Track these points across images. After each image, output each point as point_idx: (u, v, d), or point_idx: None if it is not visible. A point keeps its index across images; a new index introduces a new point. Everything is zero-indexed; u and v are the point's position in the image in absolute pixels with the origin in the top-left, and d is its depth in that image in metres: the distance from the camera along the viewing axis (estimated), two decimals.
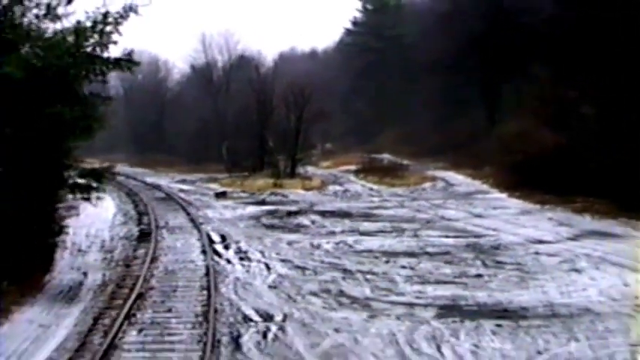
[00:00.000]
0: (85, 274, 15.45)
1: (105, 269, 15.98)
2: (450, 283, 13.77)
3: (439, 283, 13.77)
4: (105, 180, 16.39)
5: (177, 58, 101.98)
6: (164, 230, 21.07)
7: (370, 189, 34.24)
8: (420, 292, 13.06)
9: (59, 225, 17.43)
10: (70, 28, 13.86)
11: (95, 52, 14.10)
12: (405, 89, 53.12)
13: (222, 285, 13.69)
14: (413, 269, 15.02)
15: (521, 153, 29.31)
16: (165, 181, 40.88)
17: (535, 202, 25.78)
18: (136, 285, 13.47)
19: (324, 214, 24.59)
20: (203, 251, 17.35)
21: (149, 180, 41.32)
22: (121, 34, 13.98)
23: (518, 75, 36.86)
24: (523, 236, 18.98)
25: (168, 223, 22.63)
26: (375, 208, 26.55)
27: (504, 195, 29.26)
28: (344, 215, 24.21)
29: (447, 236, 19.34)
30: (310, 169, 42.93)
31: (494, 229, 20.44)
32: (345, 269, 15.11)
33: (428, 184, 34.99)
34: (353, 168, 43.60)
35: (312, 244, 18.34)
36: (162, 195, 32.19)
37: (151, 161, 56.11)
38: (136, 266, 15.87)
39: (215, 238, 19.40)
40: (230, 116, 50.76)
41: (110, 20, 13.86)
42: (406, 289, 13.33)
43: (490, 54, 42.83)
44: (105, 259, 17.34)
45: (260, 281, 14.15)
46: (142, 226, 22.07)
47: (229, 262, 16.14)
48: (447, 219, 22.94)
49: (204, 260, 16.21)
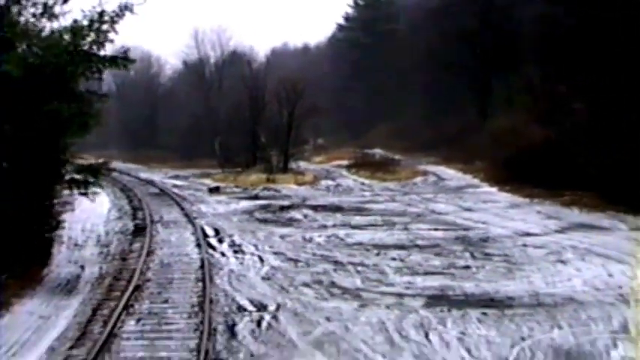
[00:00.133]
0: (83, 267, 15.62)
1: (102, 263, 16.15)
2: (439, 274, 14.09)
3: (428, 274, 14.08)
4: (101, 175, 16.67)
5: (170, 54, 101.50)
6: (159, 225, 21.24)
7: (362, 184, 34.50)
8: (410, 282, 13.38)
9: (56, 220, 17.61)
10: (67, 26, 14.12)
11: (92, 50, 14.36)
12: (397, 84, 53.30)
13: (216, 277, 13.96)
14: (403, 261, 15.34)
15: (512, 148, 29.65)
16: (159, 177, 40.94)
17: (524, 196, 26.15)
18: (133, 277, 13.73)
19: (316, 208, 24.86)
20: (198, 245, 17.59)
21: (142, 175, 41.42)
22: (117, 32, 14.29)
23: (509, 70, 37.23)
24: (511, 229, 19.33)
25: (162, 217, 22.80)
26: (367, 202, 26.83)
27: (494, 189, 29.60)
28: (336, 209, 24.47)
29: (436, 229, 19.66)
30: (303, 164, 43.10)
31: (483, 222, 20.79)
32: (337, 261, 15.42)
33: (419, 178, 35.32)
34: (345, 163, 43.87)
35: (304, 237, 18.62)
36: (156, 190, 32.30)
37: (144, 157, 56.08)
38: (132, 260, 16.09)
39: (209, 232, 19.65)
40: (222, 112, 50.70)
41: (106, 19, 14.12)
42: (396, 280, 13.65)
43: (481, 49, 43.21)
44: (101, 253, 17.51)
45: (254, 273, 14.44)
46: (137, 221, 22.23)
47: (223, 255, 16.42)
48: (438, 212, 23.26)
49: (198, 253, 16.45)
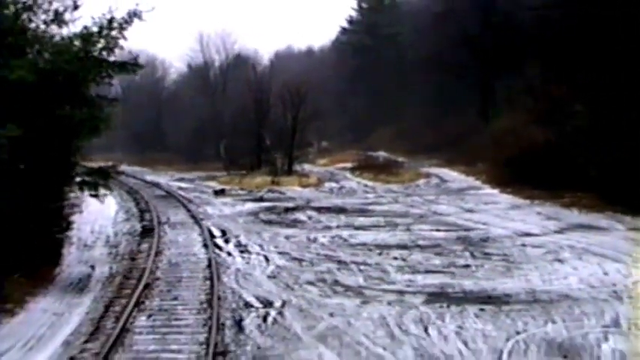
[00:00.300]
0: (93, 267, 16.02)
1: (111, 262, 16.55)
2: (439, 272, 14.46)
3: (428, 272, 14.46)
4: (110, 178, 17.13)
5: (175, 57, 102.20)
6: (166, 226, 21.64)
7: (365, 186, 34.79)
8: (411, 280, 13.77)
9: (67, 221, 18.09)
10: (78, 33, 14.56)
11: (102, 56, 14.82)
12: (400, 87, 53.61)
13: (224, 275, 14.34)
14: (404, 260, 15.71)
15: (513, 149, 29.93)
16: (165, 180, 41.28)
17: (525, 197, 26.44)
18: (143, 276, 14.13)
19: (320, 209, 25.21)
20: (205, 245, 17.98)
21: (148, 178, 41.78)
22: (126, 38, 14.75)
23: (510, 72, 37.55)
24: (511, 229, 19.65)
25: (169, 219, 23.19)
26: (370, 204, 27.19)
27: (496, 191, 29.86)
28: (339, 211, 24.82)
29: (438, 230, 20.00)
30: (307, 166, 43.47)
31: (484, 223, 21.11)
32: (340, 261, 15.79)
33: (422, 180, 35.62)
34: (349, 165, 44.13)
35: (308, 238, 19.00)
36: (163, 193, 32.67)
37: (150, 160, 56.39)
38: (141, 259, 16.49)
39: (216, 232, 20.03)
40: (227, 115, 51.12)
41: (115, 26, 14.58)
42: (397, 278, 14.03)
43: (483, 52, 43.55)
44: (110, 253, 17.90)
45: (259, 272, 14.83)
46: (145, 222, 22.61)
47: (230, 254, 16.81)
48: (439, 214, 23.60)
49: (206, 253, 16.84)
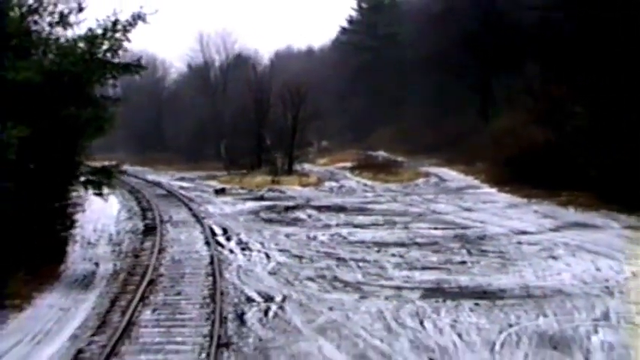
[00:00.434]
0: (97, 264, 16.29)
1: (115, 260, 16.83)
2: (436, 269, 14.78)
3: (426, 269, 14.77)
4: (114, 177, 17.45)
5: (175, 57, 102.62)
6: (168, 224, 21.91)
7: (365, 185, 35.13)
8: (408, 277, 14.08)
9: (70, 220, 18.42)
10: (83, 35, 14.89)
11: (106, 58, 15.15)
12: (400, 87, 53.95)
13: (226, 272, 14.65)
14: (402, 257, 16.03)
15: (512, 149, 30.25)
16: (166, 179, 41.62)
17: (523, 196, 26.77)
18: (147, 272, 14.43)
19: (320, 208, 25.52)
20: (207, 243, 18.28)
21: (149, 178, 42.14)
22: (130, 40, 15.09)
23: (510, 72, 37.84)
24: (508, 227, 19.96)
25: (171, 217, 23.47)
26: (369, 202, 27.51)
27: (494, 190, 30.21)
28: (339, 210, 25.13)
29: (436, 228, 20.31)
30: (307, 166, 43.78)
31: (481, 221, 21.42)
32: (339, 258, 16.10)
33: (421, 179, 35.98)
34: (348, 165, 44.48)
35: (308, 236, 19.30)
36: (164, 192, 32.97)
37: (150, 159, 56.72)
38: (145, 257, 16.79)
39: (217, 230, 20.31)
40: (228, 115, 51.44)
41: (119, 28, 14.90)
42: (395, 274, 14.35)
43: (483, 52, 43.83)
44: (114, 251, 18.19)
45: (261, 268, 15.15)
46: (147, 221, 22.88)
47: (232, 251, 17.13)
48: (438, 212, 23.92)
49: (208, 250, 17.15)
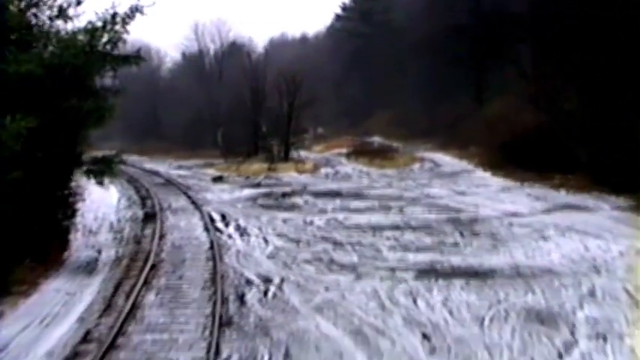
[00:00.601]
0: (99, 251, 16.62)
1: (117, 247, 17.16)
2: (429, 250, 15.23)
3: (419, 251, 15.22)
4: (115, 166, 17.80)
5: (170, 46, 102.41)
6: (167, 212, 22.22)
7: (360, 171, 35.46)
8: (402, 258, 14.53)
9: (72, 209, 18.83)
10: (82, 28, 15.21)
11: (106, 50, 15.49)
12: (395, 73, 54.15)
13: (225, 256, 15.06)
14: (397, 240, 16.47)
15: (505, 133, 30.67)
16: (163, 168, 41.92)
17: (516, 180, 27.18)
18: (149, 258, 14.83)
19: (316, 194, 25.85)
20: (206, 229, 18.66)
21: (147, 166, 42.44)
22: (129, 32, 15.43)
23: (503, 57, 38.22)
24: (500, 210, 20.42)
25: (170, 205, 23.77)
26: (365, 188, 27.90)
27: (488, 174, 30.64)
28: (335, 195, 25.48)
29: (430, 212, 20.74)
30: (303, 153, 43.99)
31: (474, 204, 21.83)
32: (335, 241, 16.51)
33: (416, 165, 36.39)
34: (344, 151, 44.71)
35: (305, 221, 19.67)
36: (162, 180, 33.30)
37: (147, 149, 56.84)
38: (146, 243, 17.13)
39: (216, 217, 20.64)
40: (224, 103, 51.75)
41: (118, 20, 15.24)
42: (389, 256, 14.80)
43: (476, 38, 44.14)
44: (115, 238, 18.47)
45: (259, 252, 15.57)
46: (147, 209, 23.15)
47: (230, 237, 17.52)
48: (432, 197, 24.33)
49: (207, 236, 17.54)
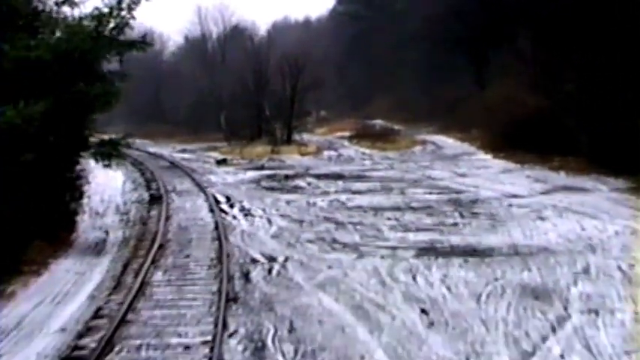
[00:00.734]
0: (107, 232, 17.04)
1: (124, 228, 17.57)
2: (429, 230, 15.58)
3: (419, 230, 15.58)
4: (121, 148, 18.15)
5: (172, 31, 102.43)
6: (173, 194, 22.61)
7: (363, 153, 35.82)
8: (403, 238, 14.90)
9: (79, 191, 19.22)
10: (90, 14, 15.51)
11: (113, 35, 15.80)
12: (397, 56, 54.24)
13: (230, 236, 15.44)
14: (397, 220, 16.83)
15: (506, 116, 30.93)
16: (167, 151, 42.21)
17: (516, 162, 27.50)
18: (156, 238, 15.22)
19: (319, 176, 26.23)
20: (211, 210, 19.04)
21: (151, 150, 42.67)
22: (135, 18, 15.72)
23: (504, 41, 38.30)
24: (500, 192, 20.75)
25: (175, 187, 24.16)
26: (367, 170, 28.27)
27: (489, 156, 30.98)
28: (337, 177, 25.84)
29: (430, 193, 21.07)
30: (306, 135, 44.29)
31: (474, 186, 22.17)
32: (338, 222, 16.88)
33: (418, 147, 36.72)
34: (347, 134, 44.99)
35: (308, 202, 20.03)
36: (167, 164, 33.64)
37: (151, 132, 56.91)
38: (152, 224, 17.54)
39: (220, 199, 21.00)
40: (227, 86, 51.89)
41: (124, 6, 15.56)
42: (390, 236, 15.16)
43: (477, 21, 44.16)
44: (122, 220, 18.89)
45: (263, 232, 15.97)
46: (152, 191, 23.48)
47: (235, 218, 17.93)
48: (433, 178, 24.69)
49: (212, 217, 17.93)
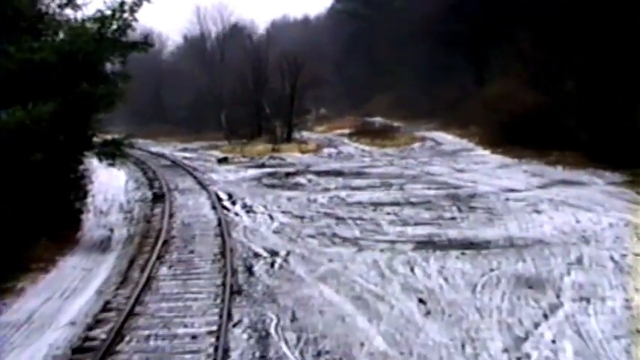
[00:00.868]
0: (112, 230, 17.37)
1: (128, 226, 17.90)
2: (428, 224, 15.91)
3: (418, 224, 15.91)
4: (124, 148, 18.48)
5: (171, 30, 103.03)
6: (175, 192, 22.89)
7: (362, 150, 36.11)
8: (401, 232, 15.24)
9: (83, 190, 19.58)
10: (93, 16, 15.84)
11: (115, 37, 16.14)
12: (396, 54, 54.48)
13: (233, 232, 15.77)
14: (396, 215, 17.16)
15: (505, 112, 31.25)
16: (168, 150, 42.47)
17: (514, 157, 27.84)
18: (160, 235, 15.54)
19: (319, 173, 26.54)
20: (213, 207, 19.36)
21: (153, 149, 42.92)
22: (138, 20, 16.06)
23: (503, 39, 38.56)
24: (497, 186, 21.03)
25: (178, 186, 24.45)
26: (366, 167, 28.56)
27: (487, 152, 31.27)
28: (337, 174, 26.14)
29: (429, 188, 21.37)
30: (306, 133, 44.65)
31: (472, 181, 22.46)
32: (338, 217, 17.21)
33: (417, 144, 37.02)
34: (346, 131, 45.32)
35: (308, 198, 20.34)
36: (168, 162, 33.92)
37: (151, 132, 57.19)
38: (156, 222, 17.86)
39: (222, 196, 21.31)
40: (226, 85, 52.19)
41: (126, 9, 15.88)
42: (389, 230, 15.50)
43: (476, 18, 44.37)
44: (126, 218, 19.19)
45: (265, 228, 16.31)
46: (155, 190, 23.75)
47: (237, 214, 18.26)
48: (432, 174, 24.97)
49: (215, 214, 18.26)
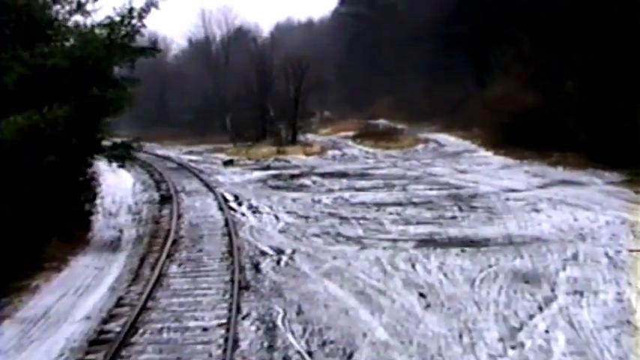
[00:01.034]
0: (121, 231, 17.79)
1: (137, 226, 18.33)
2: (429, 223, 16.34)
3: (420, 224, 16.35)
4: (132, 150, 18.92)
5: (176, 34, 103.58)
6: (182, 194, 23.33)
7: (366, 152, 36.49)
8: (403, 230, 15.67)
9: (93, 192, 20.01)
10: (102, 22, 16.28)
11: (124, 42, 16.58)
12: (399, 56, 54.88)
13: (240, 231, 16.22)
14: (399, 215, 17.59)
15: (507, 114, 31.63)
16: (174, 153, 42.81)
17: (515, 158, 28.23)
18: (169, 235, 16.00)
19: (323, 175, 26.98)
20: (220, 208, 19.81)
21: (159, 152, 43.36)
22: (146, 26, 16.52)
23: (504, 41, 38.92)
24: (498, 187, 21.46)
25: (184, 188, 24.87)
26: (370, 168, 28.98)
27: (489, 153, 31.67)
28: (341, 175, 26.56)
29: (431, 189, 21.82)
30: (310, 136, 44.96)
31: (474, 181, 22.90)
32: (342, 217, 17.65)
33: (420, 145, 37.41)
34: (350, 134, 45.60)
35: (313, 199, 20.78)
36: (174, 165, 34.30)
37: (157, 135, 57.66)
38: (164, 222, 18.30)
39: (229, 197, 21.73)
40: (231, 88, 52.62)
41: (135, 15, 16.32)
42: (392, 229, 15.93)
43: (477, 20, 44.77)
44: (134, 219, 19.60)
45: (271, 228, 16.76)
46: (162, 192, 24.19)
47: (244, 215, 18.71)
48: (434, 175, 25.41)
49: (222, 215, 18.71)
